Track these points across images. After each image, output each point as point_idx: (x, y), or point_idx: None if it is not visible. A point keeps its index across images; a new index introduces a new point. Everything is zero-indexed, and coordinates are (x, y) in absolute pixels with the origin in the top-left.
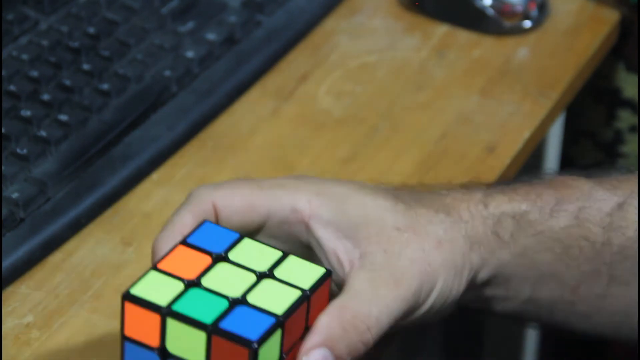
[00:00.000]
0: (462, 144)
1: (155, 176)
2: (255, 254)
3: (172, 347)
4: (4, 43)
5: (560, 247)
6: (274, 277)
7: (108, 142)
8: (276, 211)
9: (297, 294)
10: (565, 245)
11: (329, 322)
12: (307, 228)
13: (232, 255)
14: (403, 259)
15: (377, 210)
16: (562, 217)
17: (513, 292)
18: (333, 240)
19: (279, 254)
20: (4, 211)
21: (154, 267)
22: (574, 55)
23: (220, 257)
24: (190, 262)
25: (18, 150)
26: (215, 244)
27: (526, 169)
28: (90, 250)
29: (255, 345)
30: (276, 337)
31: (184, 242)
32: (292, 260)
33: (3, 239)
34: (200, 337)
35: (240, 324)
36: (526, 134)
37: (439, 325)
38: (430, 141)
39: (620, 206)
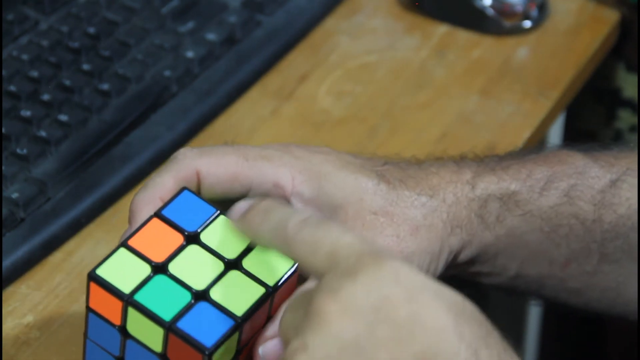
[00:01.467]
0: (462, 144)
1: None
2: (227, 236)
3: (132, 330)
4: (4, 43)
5: (549, 225)
6: (241, 269)
7: (108, 142)
8: (259, 184)
9: (260, 292)
10: (555, 224)
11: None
12: (289, 202)
13: (204, 237)
14: (376, 243)
15: (357, 191)
16: (552, 195)
17: (500, 269)
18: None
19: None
20: (4, 211)
21: (124, 244)
22: (574, 55)
23: (192, 238)
24: (161, 240)
25: (18, 150)
26: (190, 219)
27: None
28: (90, 250)
29: (209, 352)
30: (233, 338)
31: (159, 215)
32: (262, 249)
33: (3, 239)
34: (159, 331)
35: (198, 325)
36: (526, 134)
37: None
38: (430, 141)
39: (613, 183)
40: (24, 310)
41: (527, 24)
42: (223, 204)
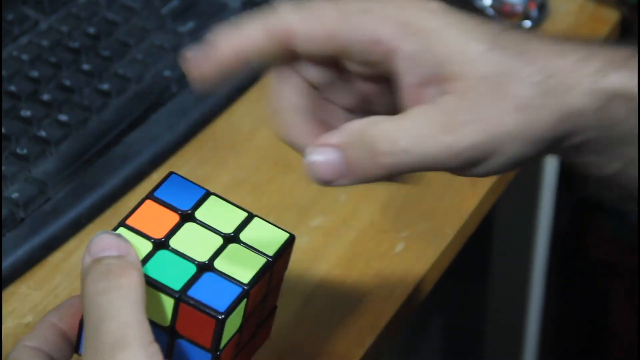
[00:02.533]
0: None
1: (155, 176)
2: (221, 213)
3: None
4: (4, 43)
5: None
6: (239, 242)
7: (108, 142)
8: (358, 42)
9: (262, 261)
10: None
11: (354, 128)
12: (389, 60)
13: (198, 214)
14: (472, 112)
15: (466, 53)
16: None
17: (606, 162)
18: (411, 77)
19: (244, 214)
20: (4, 211)
21: (123, 224)
22: None
23: (187, 216)
24: (158, 219)
25: (18, 150)
26: (182, 200)
27: (526, 169)
28: None
29: (223, 316)
30: (241, 306)
31: (152, 197)
32: (257, 223)
33: (3, 239)
34: (169, 302)
35: (207, 293)
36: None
37: (439, 325)
38: None
39: None
40: (24, 310)
41: (527, 24)
42: None
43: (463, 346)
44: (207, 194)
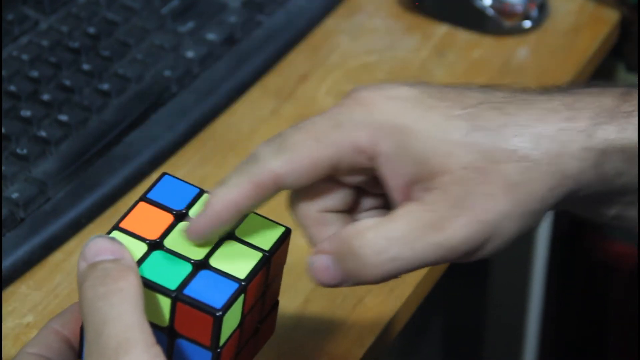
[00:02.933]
0: None
1: (155, 176)
2: None
3: None
4: (4, 43)
5: None
6: (235, 238)
7: (108, 142)
8: (341, 159)
9: (258, 256)
10: None
11: (343, 238)
12: (374, 165)
13: (193, 213)
14: (460, 204)
15: (444, 145)
16: None
17: (612, 204)
18: (396, 179)
19: None
20: (4, 211)
21: (117, 227)
22: (574, 55)
23: (182, 215)
24: (152, 220)
25: (18, 150)
26: (176, 200)
27: None
28: None
29: (220, 313)
30: (239, 302)
31: (145, 199)
32: (252, 218)
33: (3, 239)
34: (166, 302)
35: (204, 291)
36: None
37: (439, 325)
38: None
39: None
40: (24, 310)
41: (527, 24)
42: None
43: (463, 346)
44: (201, 193)
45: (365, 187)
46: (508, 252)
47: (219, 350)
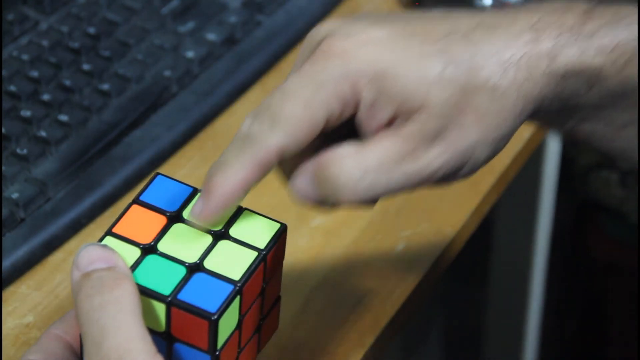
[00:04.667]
0: None
1: None
2: None
3: None
4: (4, 43)
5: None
6: (229, 238)
7: (108, 142)
8: (334, 110)
9: (253, 255)
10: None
11: (321, 163)
12: (355, 110)
13: (186, 214)
14: (435, 135)
15: (422, 85)
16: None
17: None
18: (375, 119)
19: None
20: (4, 211)
21: (109, 232)
22: None
23: (175, 217)
24: (145, 223)
25: (18, 151)
26: (169, 201)
27: (526, 169)
28: None
29: (215, 317)
30: (235, 304)
31: (138, 201)
32: (247, 216)
33: (3, 239)
34: (160, 308)
35: (198, 295)
36: (526, 134)
37: (439, 325)
38: None
39: None
40: (24, 310)
41: None
42: None
43: (463, 346)
44: (195, 192)
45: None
46: (508, 252)
47: (217, 353)
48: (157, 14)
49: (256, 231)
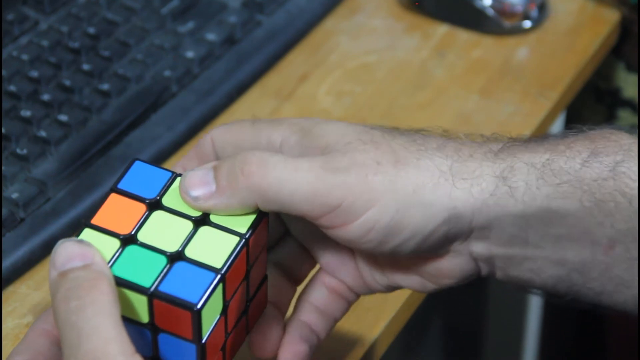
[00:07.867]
0: None
1: None
2: None
3: None
4: (4, 43)
5: (591, 200)
6: (210, 224)
7: (108, 142)
8: (258, 143)
9: (235, 240)
10: (598, 199)
11: (244, 168)
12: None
13: (166, 200)
14: (345, 157)
15: (346, 133)
16: (595, 167)
17: (532, 250)
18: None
19: None
20: (4, 211)
21: (88, 224)
22: (574, 55)
23: (154, 204)
24: (124, 212)
25: (18, 150)
26: (148, 187)
27: None
28: None
29: (198, 307)
30: (218, 292)
31: (116, 189)
32: None
33: (3, 239)
34: (142, 300)
35: (180, 285)
36: (526, 134)
37: (439, 325)
38: None
39: None
40: (24, 310)
41: (527, 24)
42: None
43: (463, 346)
44: (175, 176)
45: None
46: None
47: (203, 341)
48: (157, 14)
49: (237, 216)
